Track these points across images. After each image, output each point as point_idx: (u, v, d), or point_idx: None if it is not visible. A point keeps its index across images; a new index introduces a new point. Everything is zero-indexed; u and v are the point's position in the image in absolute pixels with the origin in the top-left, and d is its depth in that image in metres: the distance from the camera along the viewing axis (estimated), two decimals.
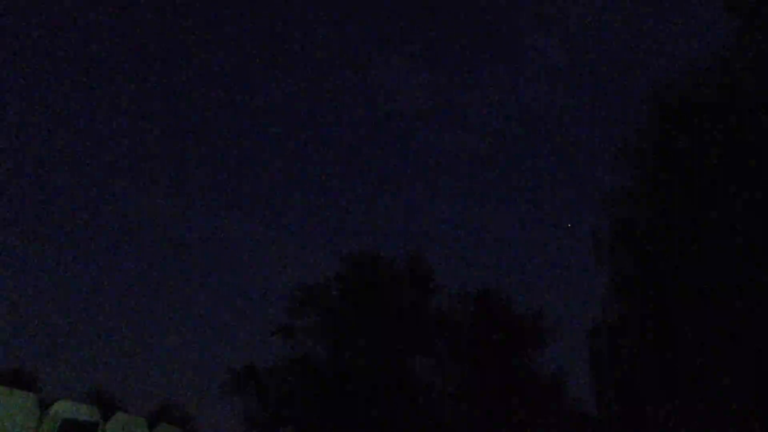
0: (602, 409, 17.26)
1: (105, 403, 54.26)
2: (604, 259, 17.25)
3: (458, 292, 34.62)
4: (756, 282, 13.39)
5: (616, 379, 16.89)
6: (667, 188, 15.61)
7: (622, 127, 17.53)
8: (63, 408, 12.01)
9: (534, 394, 31.70)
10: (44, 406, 12.00)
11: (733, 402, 13.51)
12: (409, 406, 30.29)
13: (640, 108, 17.13)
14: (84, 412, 12.32)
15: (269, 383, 32.16)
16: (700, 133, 15.20)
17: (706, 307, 14.11)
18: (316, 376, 31.51)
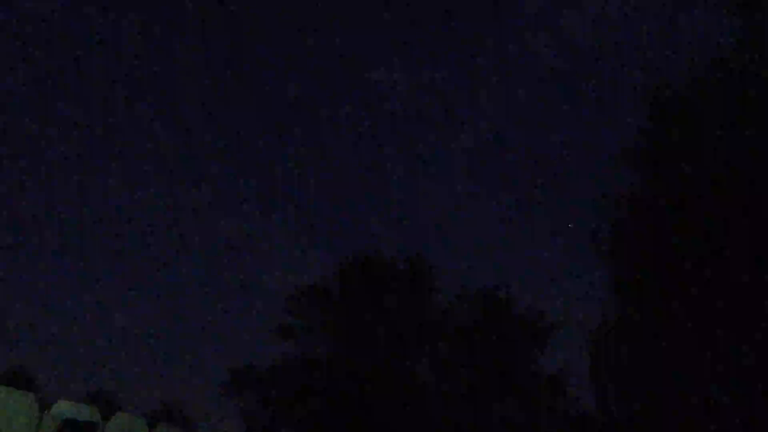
0: (602, 409, 17.26)
1: (105, 403, 54.27)
2: (604, 259, 17.26)
3: (459, 292, 34.63)
4: (756, 281, 13.39)
5: (616, 379, 16.89)
6: (667, 188, 15.61)
7: (622, 127, 17.53)
8: (63, 408, 12.01)
9: (534, 394, 31.70)
10: (44, 406, 11.99)
11: (733, 402, 13.51)
12: (409, 406, 30.29)
13: (640, 108, 17.13)
14: (84, 412, 12.31)
15: (269, 383, 32.17)
16: (699, 133, 15.20)
17: (706, 307, 14.11)
18: (315, 376, 31.52)
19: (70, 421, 11.90)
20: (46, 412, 11.72)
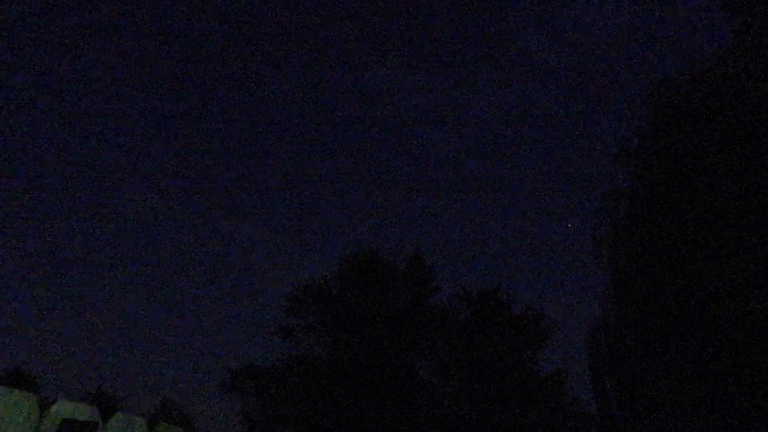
0: (602, 409, 17.25)
1: (105, 403, 54.24)
2: (604, 259, 17.25)
3: (458, 292, 34.63)
4: (756, 281, 13.39)
5: (616, 379, 16.88)
6: (667, 188, 15.61)
7: (622, 127, 17.52)
8: (63, 408, 12.00)
9: (534, 394, 31.70)
10: (44, 406, 11.99)
11: (734, 402, 13.51)
12: (409, 406, 30.29)
13: (640, 108, 17.13)
14: (84, 412, 12.31)
15: (269, 383, 32.16)
16: (700, 133, 15.19)
17: (707, 307, 14.11)
18: (316, 376, 31.50)
19: (70, 421, 11.90)
20: (46, 412, 11.71)
